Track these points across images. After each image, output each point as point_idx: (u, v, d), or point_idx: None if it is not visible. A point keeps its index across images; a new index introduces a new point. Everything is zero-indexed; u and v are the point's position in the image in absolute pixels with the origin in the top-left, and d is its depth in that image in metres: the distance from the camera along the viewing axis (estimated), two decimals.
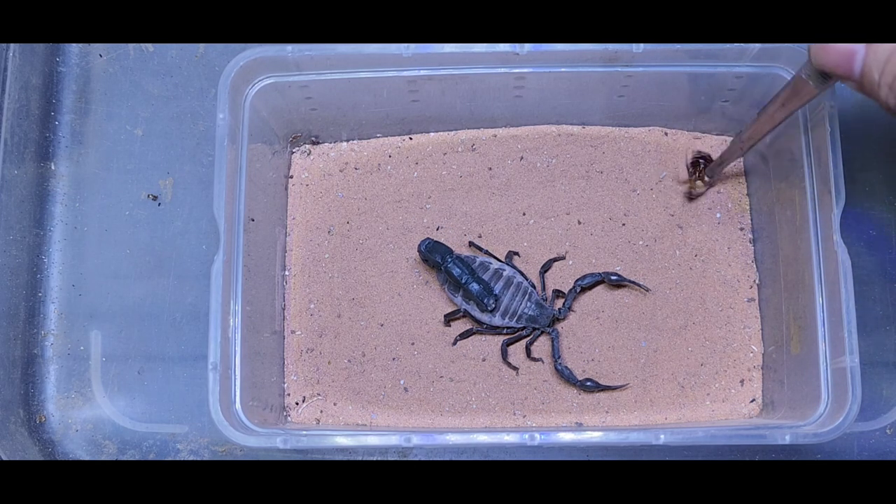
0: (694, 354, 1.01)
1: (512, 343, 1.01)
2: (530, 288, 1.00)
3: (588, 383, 0.99)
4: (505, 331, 1.01)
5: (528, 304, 0.99)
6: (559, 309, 1.01)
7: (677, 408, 1.00)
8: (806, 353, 0.91)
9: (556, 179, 1.06)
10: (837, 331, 0.86)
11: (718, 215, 1.04)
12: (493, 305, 0.98)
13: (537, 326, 1.00)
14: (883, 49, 0.69)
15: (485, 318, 1.00)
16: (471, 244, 1.04)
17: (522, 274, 1.01)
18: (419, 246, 1.01)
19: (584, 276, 1.01)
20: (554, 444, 0.85)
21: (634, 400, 1.00)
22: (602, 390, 1.00)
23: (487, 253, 1.03)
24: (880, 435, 1.00)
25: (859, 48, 0.71)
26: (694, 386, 1.00)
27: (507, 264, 1.02)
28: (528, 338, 1.01)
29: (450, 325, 1.02)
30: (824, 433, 0.84)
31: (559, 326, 1.01)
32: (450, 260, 0.99)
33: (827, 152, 0.88)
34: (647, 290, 1.02)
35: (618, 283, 1.01)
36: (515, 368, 1.01)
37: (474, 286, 0.98)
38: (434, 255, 1.00)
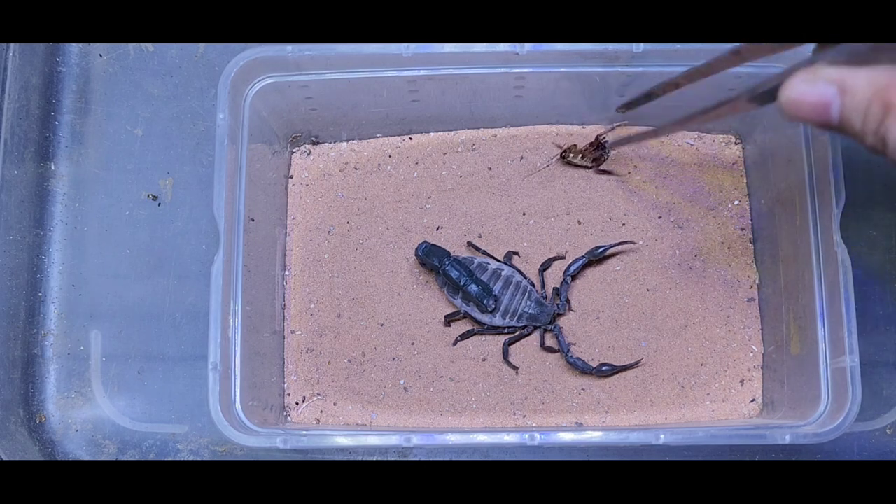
0: (694, 354, 1.01)
1: (514, 342, 1.01)
2: (530, 286, 1.00)
3: (604, 367, 0.99)
4: (506, 330, 1.01)
5: (528, 302, 0.99)
6: (558, 304, 1.01)
7: (677, 408, 1.00)
8: (806, 353, 0.91)
9: (556, 179, 1.06)
10: (837, 331, 0.86)
11: (718, 216, 1.04)
12: (493, 306, 0.98)
13: (539, 325, 1.00)
14: (859, 95, 0.63)
15: (485, 318, 1.00)
16: (469, 244, 1.04)
17: (521, 273, 1.01)
18: (416, 250, 1.01)
19: (570, 265, 1.01)
20: (554, 444, 0.85)
21: (634, 400, 1.00)
22: (617, 372, 0.99)
23: (485, 253, 1.03)
24: (880, 435, 1.00)
25: (832, 97, 0.64)
26: (694, 386, 1.00)
27: (506, 264, 1.02)
28: (531, 336, 1.01)
29: (450, 326, 1.02)
30: (824, 433, 0.84)
31: (560, 322, 1.01)
32: (447, 262, 0.99)
33: (827, 152, 0.87)
34: (634, 244, 1.02)
35: (602, 255, 1.01)
36: (516, 368, 1.01)
37: (473, 288, 0.98)
38: (431, 259, 1.00)
